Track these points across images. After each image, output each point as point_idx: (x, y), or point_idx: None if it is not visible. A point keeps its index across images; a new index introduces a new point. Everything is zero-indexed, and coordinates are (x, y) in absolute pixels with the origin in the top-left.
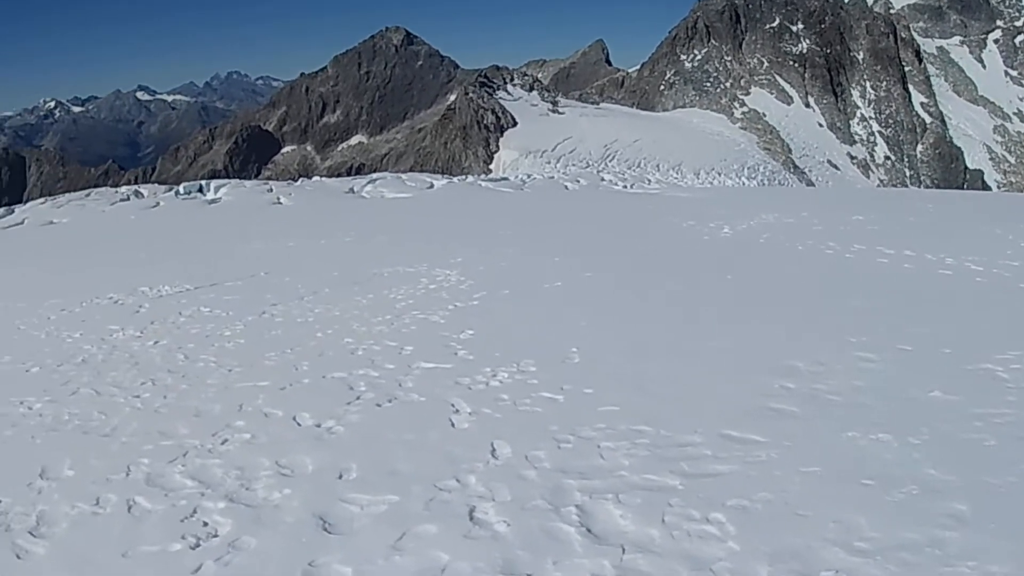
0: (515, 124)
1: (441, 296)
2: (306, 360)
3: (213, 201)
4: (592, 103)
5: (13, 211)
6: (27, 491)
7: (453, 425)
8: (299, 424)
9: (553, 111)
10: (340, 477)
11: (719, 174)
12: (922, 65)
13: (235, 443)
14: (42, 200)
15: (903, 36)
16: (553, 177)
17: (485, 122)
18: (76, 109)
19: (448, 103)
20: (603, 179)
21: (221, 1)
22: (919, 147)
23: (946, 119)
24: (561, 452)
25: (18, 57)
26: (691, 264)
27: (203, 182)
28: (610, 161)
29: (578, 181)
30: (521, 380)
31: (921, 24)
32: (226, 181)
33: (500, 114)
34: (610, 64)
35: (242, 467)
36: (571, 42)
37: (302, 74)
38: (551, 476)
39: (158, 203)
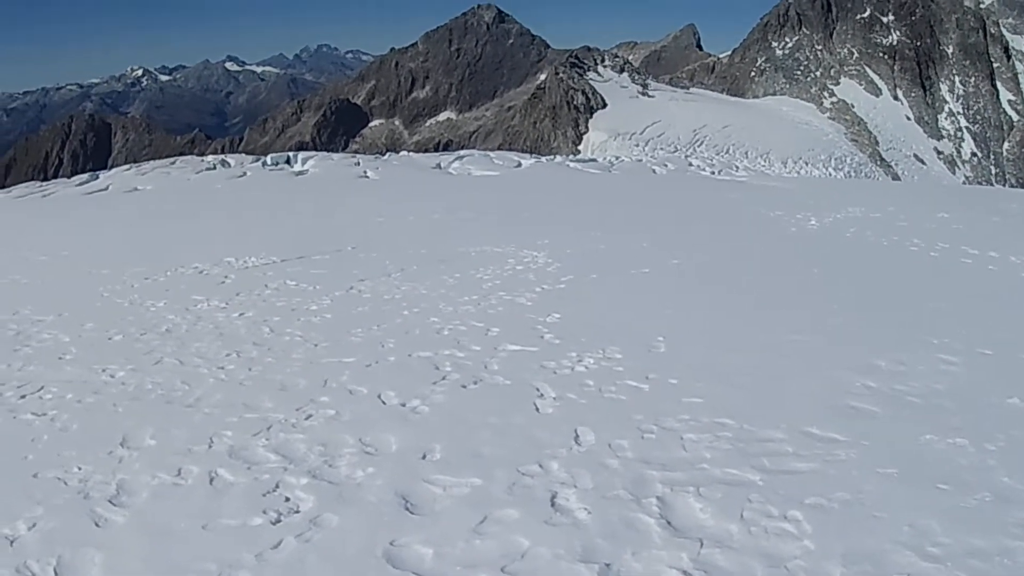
0: (605, 106)
1: (528, 278)
2: (392, 338)
3: (300, 173)
4: (682, 87)
5: (98, 177)
6: (108, 459)
7: (538, 410)
8: (384, 402)
9: (643, 94)
10: (424, 457)
11: (806, 163)
12: (1011, 62)
13: (319, 419)
14: (127, 167)
15: (992, 32)
16: (641, 160)
17: (575, 103)
18: (163, 78)
19: (538, 82)
20: (691, 164)
21: None
22: (1005, 144)
23: None
24: (644, 442)
25: (105, 25)
26: (778, 256)
27: (290, 153)
28: (698, 146)
29: (666, 165)
30: (607, 367)
31: (1011, 20)
32: (313, 153)
33: (590, 95)
34: (701, 49)
35: (326, 443)
36: (663, 25)
37: (392, 49)
38: (633, 466)
39: (245, 173)
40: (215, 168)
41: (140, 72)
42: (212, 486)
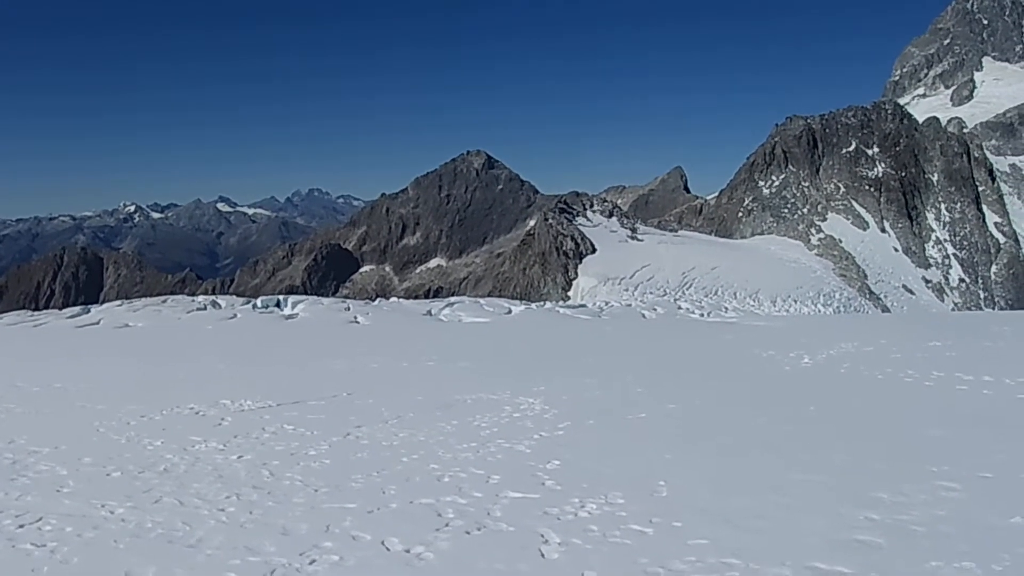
0: (594, 251)
1: (526, 425)
2: (393, 484)
3: (290, 316)
4: (671, 230)
5: (89, 311)
6: None
7: (543, 556)
8: (388, 548)
9: (632, 238)
10: None
11: (795, 301)
12: (995, 184)
13: (323, 564)
14: (119, 302)
15: (976, 156)
16: (631, 305)
17: (564, 248)
18: (155, 215)
19: (528, 228)
20: (680, 307)
21: (302, 119)
22: (993, 268)
23: (1020, 238)
24: None
25: (99, 158)
26: (774, 395)
27: (281, 297)
28: (687, 289)
29: (655, 309)
30: (609, 512)
31: (993, 142)
32: (304, 297)
33: (579, 240)
34: (688, 191)
35: None
36: (650, 168)
37: (383, 194)
38: None
39: (235, 315)
40: (206, 308)
41: (132, 208)
42: None
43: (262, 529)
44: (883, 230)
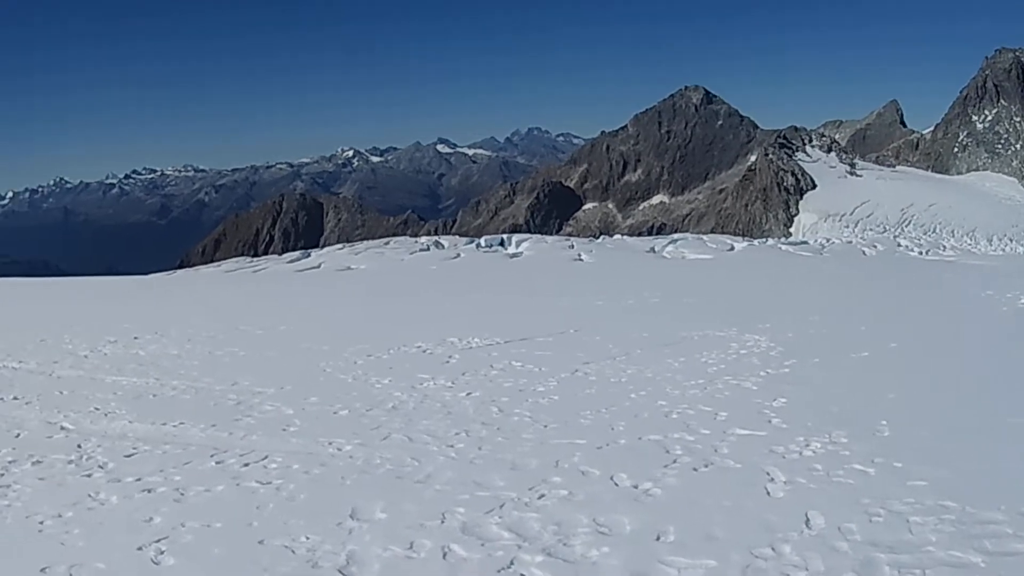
0: (814, 186)
1: (752, 362)
2: (622, 420)
3: (515, 255)
4: (888, 166)
5: (309, 255)
6: (337, 530)
7: (768, 493)
8: (616, 484)
9: (851, 173)
10: (658, 539)
11: (1011, 240)
12: None
13: (552, 498)
14: (340, 246)
15: None
16: (851, 242)
17: (785, 184)
18: (375, 159)
19: (748, 164)
20: (899, 244)
21: (519, 57)
22: None
23: None
24: (872, 525)
25: (316, 106)
26: (995, 336)
27: (504, 236)
28: (906, 226)
29: (875, 246)
30: (833, 451)
31: None
32: (528, 236)
33: (799, 176)
34: (904, 125)
35: (560, 522)
36: (866, 102)
37: (603, 132)
38: (862, 549)
39: (459, 255)
40: (429, 249)
41: (351, 153)
42: (445, 560)
43: (491, 464)
44: None
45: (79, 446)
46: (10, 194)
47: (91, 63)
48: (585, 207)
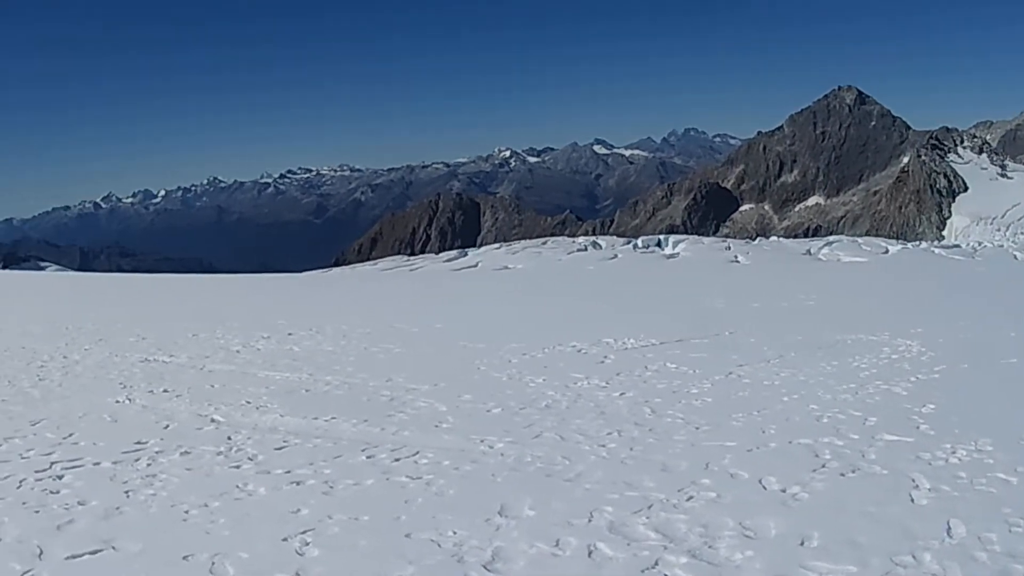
0: (966, 189)
1: (903, 367)
2: (773, 424)
3: (671, 256)
4: None
5: (466, 254)
6: (484, 526)
7: (912, 500)
8: (765, 487)
9: (1002, 175)
10: (802, 544)
11: None
12: None
13: (700, 500)
14: (497, 245)
15: None
16: (1003, 246)
17: (937, 186)
18: (532, 159)
19: (901, 165)
20: None
21: (677, 58)
22: None
23: None
24: (1012, 536)
25: (473, 107)
26: None
27: (661, 236)
28: None
29: None
30: (978, 459)
31: None
32: (684, 237)
33: (951, 178)
34: None
35: (706, 524)
36: (1017, 102)
37: (759, 132)
38: (1000, 559)
39: (616, 255)
40: (587, 249)
41: (508, 153)
42: (591, 559)
43: (642, 465)
44: None
45: (229, 438)
46: (163, 192)
47: (244, 64)
48: (742, 208)
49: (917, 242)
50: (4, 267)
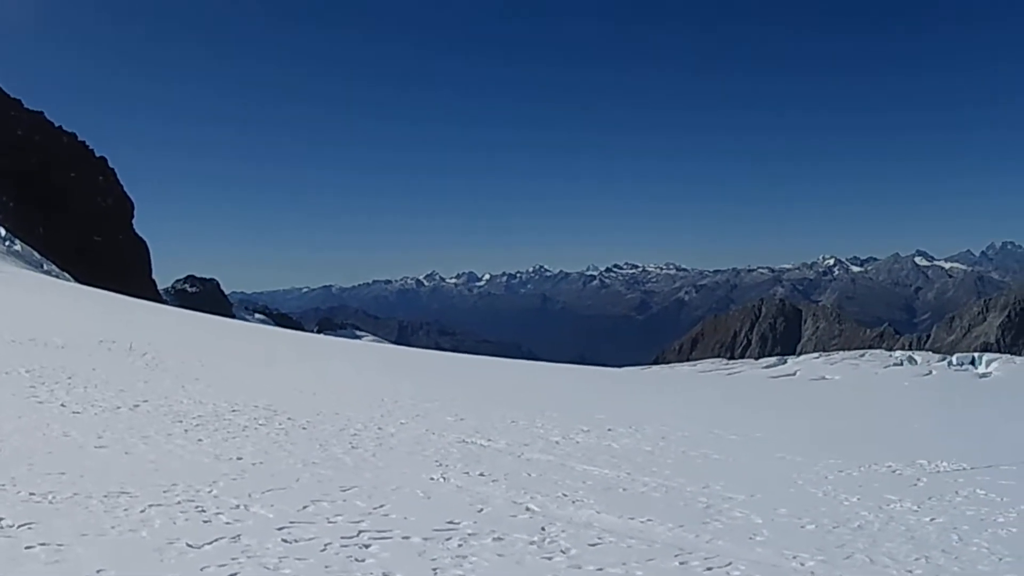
0: None
1: None
2: None
3: (983, 375)
4: None
5: (786, 362)
6: None
7: None
8: None
9: None
10: None
11: None
12: None
13: None
14: (816, 355)
15: None
16: None
17: None
18: (855, 268)
19: None
20: None
21: (994, 166)
22: None
23: None
24: None
25: (799, 214)
26: None
27: (975, 354)
28: None
29: None
30: None
31: None
32: (997, 355)
33: None
34: None
35: None
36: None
37: None
38: None
39: (931, 371)
40: (902, 364)
41: (832, 261)
42: None
43: None
44: None
45: (543, 528)
46: (488, 276)
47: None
48: None
49: None
50: (319, 331)
